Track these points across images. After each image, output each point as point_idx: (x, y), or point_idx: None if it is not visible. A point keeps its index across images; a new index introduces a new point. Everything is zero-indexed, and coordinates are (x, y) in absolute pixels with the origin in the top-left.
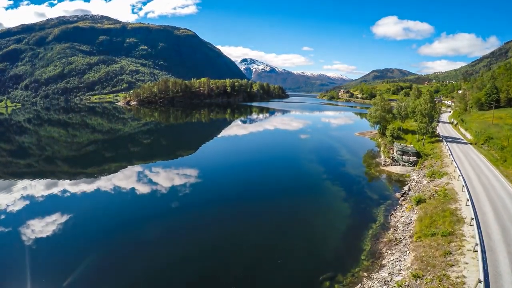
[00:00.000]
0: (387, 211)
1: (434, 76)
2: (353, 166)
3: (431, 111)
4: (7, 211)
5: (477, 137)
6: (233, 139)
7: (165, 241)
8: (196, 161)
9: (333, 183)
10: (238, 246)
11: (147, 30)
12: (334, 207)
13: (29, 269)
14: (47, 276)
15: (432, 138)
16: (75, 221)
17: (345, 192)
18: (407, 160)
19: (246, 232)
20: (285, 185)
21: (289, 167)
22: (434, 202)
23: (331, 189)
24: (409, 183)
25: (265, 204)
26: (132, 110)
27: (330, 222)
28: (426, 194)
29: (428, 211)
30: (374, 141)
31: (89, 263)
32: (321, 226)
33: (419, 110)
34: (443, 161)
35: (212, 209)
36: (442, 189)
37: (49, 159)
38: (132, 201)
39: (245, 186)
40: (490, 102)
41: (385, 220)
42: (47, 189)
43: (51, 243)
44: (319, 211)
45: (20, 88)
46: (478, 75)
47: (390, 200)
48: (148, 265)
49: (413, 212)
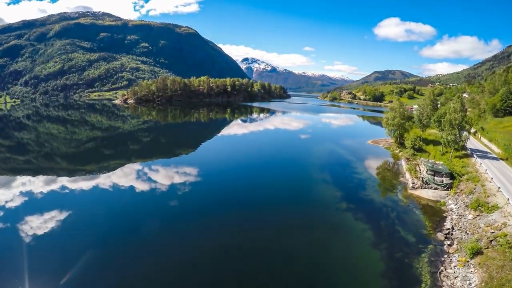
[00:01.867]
0: (432, 265)
1: (436, 79)
2: (374, 188)
3: (461, 121)
4: (5, 207)
5: (507, 152)
6: (232, 141)
7: (164, 239)
8: (197, 160)
9: (354, 215)
10: (238, 247)
11: (148, 28)
12: (361, 258)
13: (27, 265)
14: (45, 273)
15: (460, 151)
16: (73, 218)
17: (372, 231)
18: (440, 182)
19: (249, 234)
20: (291, 217)
21: (296, 188)
22: (497, 255)
23: (354, 226)
24: (449, 215)
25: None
26: (130, 109)
27: (359, 284)
28: (481, 240)
29: (493, 271)
30: (389, 151)
31: (87, 260)
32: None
33: (447, 119)
34: (484, 186)
35: (213, 207)
36: (502, 234)
37: (48, 156)
38: (131, 199)
39: (246, 193)
40: (506, 108)
41: (434, 281)
42: (46, 186)
43: (49, 240)
44: (342, 263)
45: (19, 84)
46: (481, 78)
47: (431, 244)
48: (146, 263)
49: (469, 270)
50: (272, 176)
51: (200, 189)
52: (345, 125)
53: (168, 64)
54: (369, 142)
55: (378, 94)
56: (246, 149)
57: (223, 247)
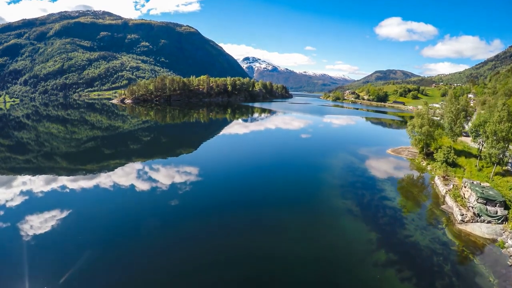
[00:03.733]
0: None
1: (438, 78)
2: (411, 221)
3: (508, 133)
4: (5, 207)
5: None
6: (233, 143)
7: (165, 239)
8: (197, 160)
9: (398, 271)
10: (240, 247)
11: (149, 27)
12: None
13: (27, 265)
14: (45, 273)
15: (502, 166)
16: (74, 217)
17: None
18: (494, 213)
19: (251, 235)
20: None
21: (310, 222)
22: None
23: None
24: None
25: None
26: (127, 109)
27: None
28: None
29: None
30: (414, 163)
31: (87, 260)
32: None
33: (491, 130)
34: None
35: (214, 207)
36: None
37: (48, 155)
38: (132, 198)
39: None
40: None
41: None
42: (46, 185)
43: (50, 239)
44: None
45: (19, 83)
46: (484, 78)
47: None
48: (147, 263)
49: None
50: (279, 197)
51: (201, 189)
52: (357, 129)
53: (169, 63)
54: (388, 151)
55: (382, 94)
56: (246, 155)
57: (225, 248)
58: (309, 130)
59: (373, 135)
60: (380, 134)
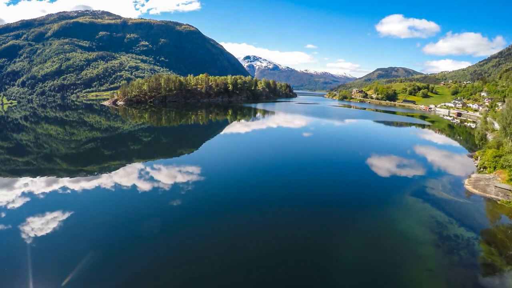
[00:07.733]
0: None
1: (442, 76)
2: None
3: None
4: (7, 209)
5: None
6: (241, 147)
7: (166, 240)
8: (198, 159)
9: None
10: (244, 249)
11: (148, 26)
12: None
13: (30, 267)
14: (47, 274)
15: None
16: (75, 218)
17: None
18: None
19: (255, 237)
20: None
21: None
22: None
23: None
24: None
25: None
26: (119, 111)
27: None
28: None
29: None
30: (509, 208)
31: (89, 261)
32: None
33: None
34: None
35: (216, 208)
36: None
37: (48, 157)
38: (133, 199)
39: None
40: None
41: None
42: (47, 187)
43: (52, 241)
44: None
45: (17, 85)
46: (488, 75)
47: None
48: (149, 264)
49: None
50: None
51: (203, 190)
52: (400, 141)
53: (169, 63)
54: (467, 185)
55: (391, 92)
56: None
57: (227, 249)
58: (344, 145)
59: (425, 152)
60: (433, 149)
